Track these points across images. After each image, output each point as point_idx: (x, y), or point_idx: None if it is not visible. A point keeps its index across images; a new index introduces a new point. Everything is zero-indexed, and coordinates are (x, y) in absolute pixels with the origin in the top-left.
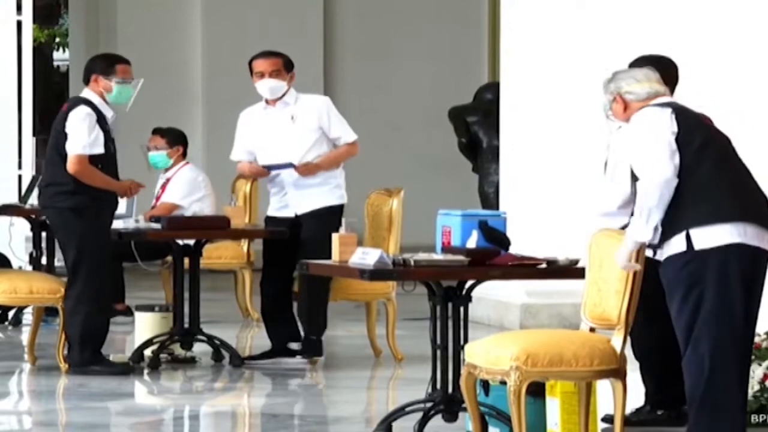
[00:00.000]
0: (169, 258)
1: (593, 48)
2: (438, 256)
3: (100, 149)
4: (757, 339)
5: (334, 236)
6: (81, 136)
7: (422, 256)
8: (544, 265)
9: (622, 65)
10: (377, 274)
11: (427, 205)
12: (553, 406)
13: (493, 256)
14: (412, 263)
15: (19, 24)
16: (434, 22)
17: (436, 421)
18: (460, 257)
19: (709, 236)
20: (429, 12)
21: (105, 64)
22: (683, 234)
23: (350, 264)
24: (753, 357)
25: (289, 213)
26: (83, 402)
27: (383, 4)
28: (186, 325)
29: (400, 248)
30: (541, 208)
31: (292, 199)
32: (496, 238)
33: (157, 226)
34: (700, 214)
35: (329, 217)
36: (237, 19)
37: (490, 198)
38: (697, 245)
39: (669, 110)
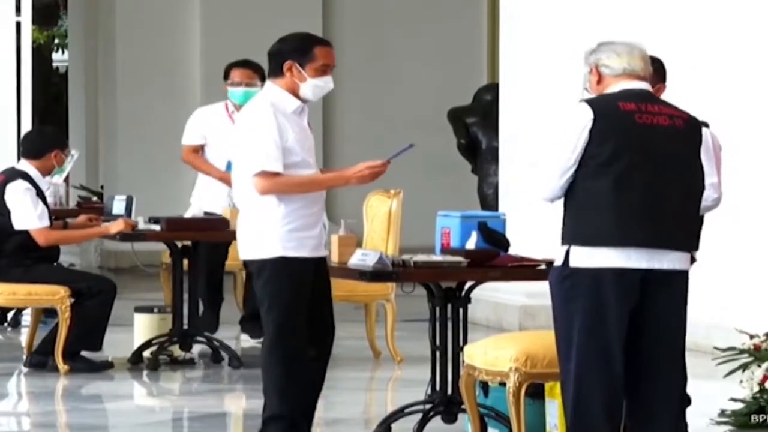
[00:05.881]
0: (168, 259)
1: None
2: (437, 258)
3: (47, 222)
4: (756, 340)
5: (333, 237)
6: (29, 210)
7: (421, 257)
8: (543, 267)
9: None
10: (377, 275)
11: (426, 207)
12: (553, 408)
13: (493, 258)
14: (412, 264)
15: (18, 25)
16: (433, 23)
17: (436, 423)
18: (460, 258)
19: (587, 256)
20: (428, 13)
21: (64, 141)
22: (565, 248)
23: (350, 265)
24: (753, 358)
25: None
26: (82, 403)
27: (382, 5)
28: (185, 327)
29: (399, 249)
30: (540, 210)
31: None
32: (495, 239)
33: (156, 227)
34: (585, 233)
35: None
36: (236, 20)
37: (489, 199)
38: (573, 263)
39: (590, 117)
